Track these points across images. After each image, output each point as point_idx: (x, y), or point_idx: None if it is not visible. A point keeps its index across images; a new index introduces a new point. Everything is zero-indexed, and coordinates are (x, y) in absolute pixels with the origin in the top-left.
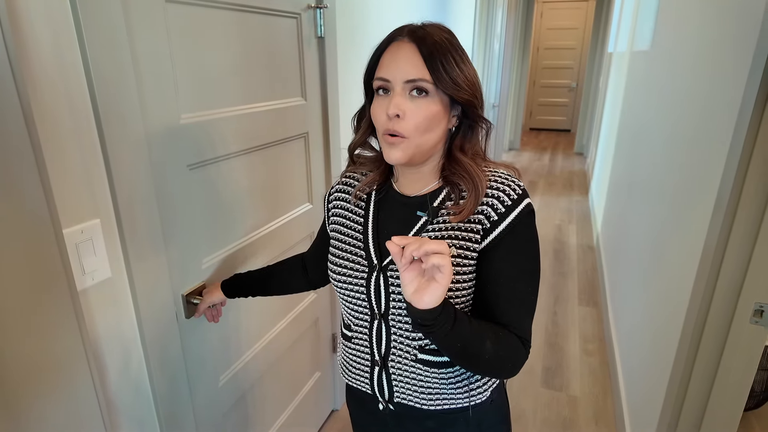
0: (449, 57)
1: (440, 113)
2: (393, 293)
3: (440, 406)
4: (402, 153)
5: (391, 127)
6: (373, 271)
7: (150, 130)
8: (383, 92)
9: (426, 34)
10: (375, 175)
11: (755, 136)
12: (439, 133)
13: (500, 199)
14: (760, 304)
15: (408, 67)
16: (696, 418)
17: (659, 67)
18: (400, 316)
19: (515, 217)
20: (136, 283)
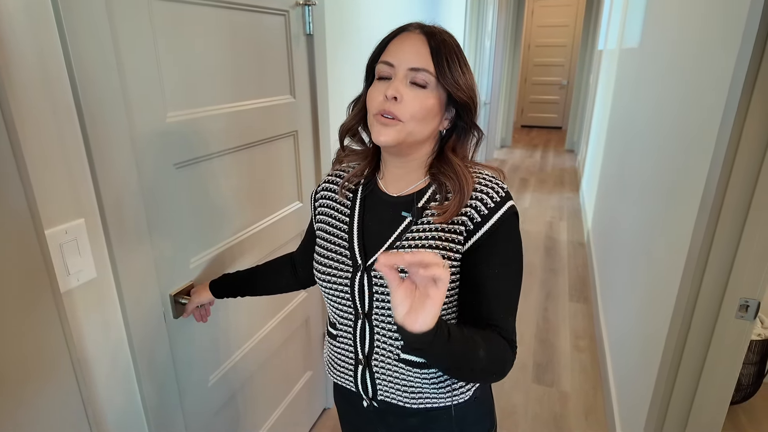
0: (454, 57)
1: (435, 108)
2: (376, 293)
3: (423, 405)
4: (394, 135)
5: (387, 108)
6: (357, 270)
7: (135, 128)
8: (383, 78)
9: (435, 31)
10: (362, 167)
11: (739, 135)
12: (430, 128)
13: (484, 201)
14: (745, 299)
15: (414, 56)
16: (683, 412)
17: (648, 65)
18: (383, 315)
19: (498, 219)
20: (122, 283)
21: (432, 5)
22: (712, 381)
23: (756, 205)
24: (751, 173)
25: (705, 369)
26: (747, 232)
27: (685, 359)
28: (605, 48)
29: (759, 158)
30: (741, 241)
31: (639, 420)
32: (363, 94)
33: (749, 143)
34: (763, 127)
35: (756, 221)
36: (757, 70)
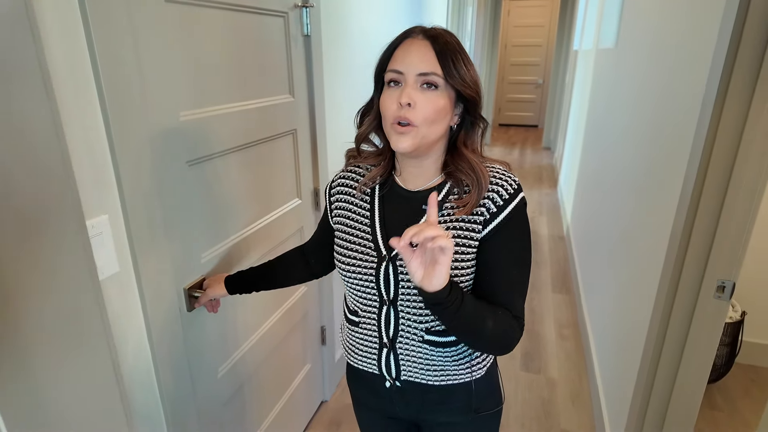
0: (458, 56)
1: (447, 107)
2: (402, 281)
3: (444, 381)
4: (411, 141)
5: (402, 115)
6: (383, 261)
7: (153, 127)
8: (394, 84)
9: (438, 34)
10: (379, 170)
11: (716, 128)
12: (443, 127)
13: (499, 192)
14: (722, 280)
15: (421, 61)
16: (666, 391)
17: (625, 65)
18: (408, 301)
19: (512, 209)
20: (142, 277)
21: (417, 8)
22: (693, 359)
23: (731, 194)
24: (726, 166)
25: (686, 347)
26: (723, 218)
27: (668, 340)
28: (581, 48)
29: (733, 151)
30: (718, 227)
31: (624, 401)
32: (374, 102)
33: (725, 136)
34: (738, 120)
35: (731, 209)
36: (732, 66)
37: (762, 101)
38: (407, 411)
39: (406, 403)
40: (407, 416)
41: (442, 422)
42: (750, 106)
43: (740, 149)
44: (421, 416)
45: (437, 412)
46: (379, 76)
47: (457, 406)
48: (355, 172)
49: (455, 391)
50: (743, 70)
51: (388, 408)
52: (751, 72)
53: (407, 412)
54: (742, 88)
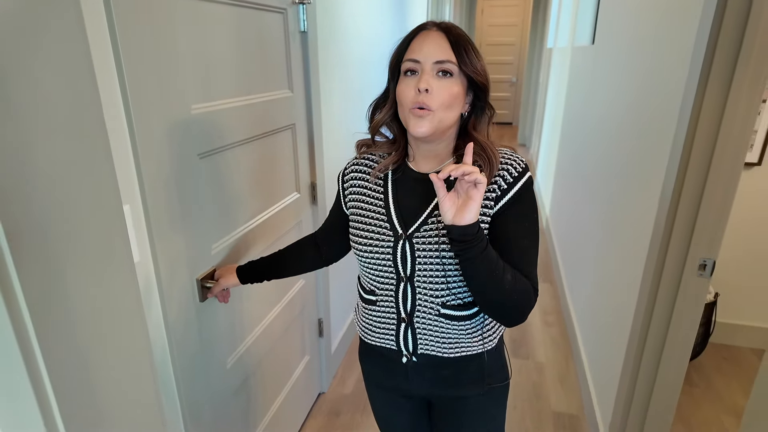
0: (470, 47)
1: (460, 94)
2: (419, 257)
3: (458, 353)
4: (428, 125)
5: (420, 100)
6: (399, 239)
7: (168, 120)
8: (411, 74)
9: (450, 26)
10: (393, 157)
11: (697, 117)
12: (456, 113)
13: (509, 171)
14: (704, 259)
15: (437, 50)
16: (653, 365)
17: (603, 60)
18: (425, 276)
19: (522, 186)
20: (160, 267)
21: (400, 7)
22: (678, 335)
23: (711, 178)
24: (706, 152)
25: (672, 323)
26: (704, 202)
27: (654, 316)
28: (555, 46)
29: (713, 139)
30: (700, 209)
31: (611, 378)
32: (390, 92)
33: (706, 125)
34: (717, 110)
35: (712, 193)
36: (712, 59)
37: (739, 90)
38: (421, 387)
39: (421, 379)
40: (421, 393)
41: (454, 397)
42: (728, 94)
43: (719, 137)
44: (435, 391)
45: (451, 387)
46: (395, 67)
47: (470, 380)
48: (369, 159)
49: (468, 364)
50: (722, 61)
51: (402, 385)
52: (729, 62)
53: (421, 388)
54: (721, 78)
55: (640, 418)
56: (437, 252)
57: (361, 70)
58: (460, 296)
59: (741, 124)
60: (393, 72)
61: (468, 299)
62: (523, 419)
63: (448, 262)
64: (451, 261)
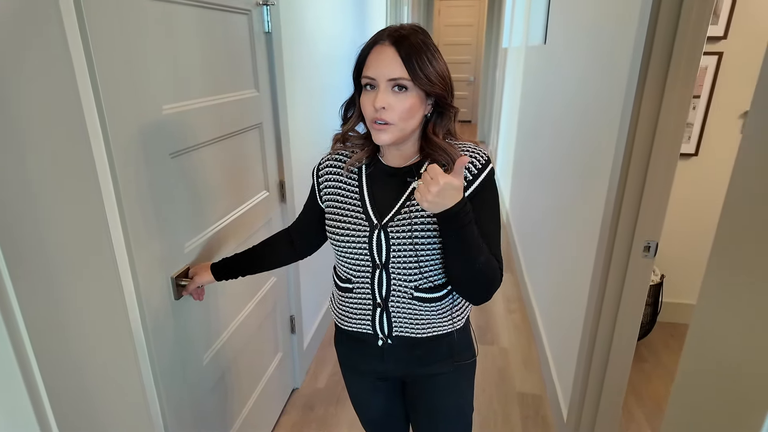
0: (423, 57)
1: (417, 104)
2: (393, 245)
3: (430, 333)
4: (389, 136)
5: (378, 116)
6: (375, 229)
7: (141, 120)
8: (370, 88)
9: (403, 37)
10: (365, 152)
11: (638, 114)
12: (417, 119)
13: (473, 164)
14: (648, 241)
15: (389, 68)
16: (606, 341)
17: (555, 60)
18: (399, 263)
19: (484, 178)
20: (136, 266)
21: (361, 8)
22: (627, 311)
23: (652, 168)
24: (646, 145)
25: (622, 301)
26: (646, 190)
27: (606, 296)
28: (510, 46)
29: (651, 133)
30: (643, 196)
31: (570, 357)
32: (356, 99)
33: (645, 121)
34: (654, 107)
35: (653, 180)
36: (648, 60)
37: (672, 89)
38: (397, 368)
39: (396, 360)
40: (396, 373)
41: (426, 374)
42: (663, 92)
43: (657, 131)
44: (409, 370)
45: (423, 365)
46: (357, 79)
47: (440, 358)
48: (342, 155)
49: (439, 343)
50: (657, 64)
51: (378, 368)
52: (662, 65)
53: (396, 369)
54: (657, 78)
55: (596, 393)
56: (411, 240)
57: (325, 69)
58: (431, 279)
59: (675, 119)
60: (356, 82)
61: (438, 282)
62: (491, 401)
63: (421, 249)
64: (423, 248)
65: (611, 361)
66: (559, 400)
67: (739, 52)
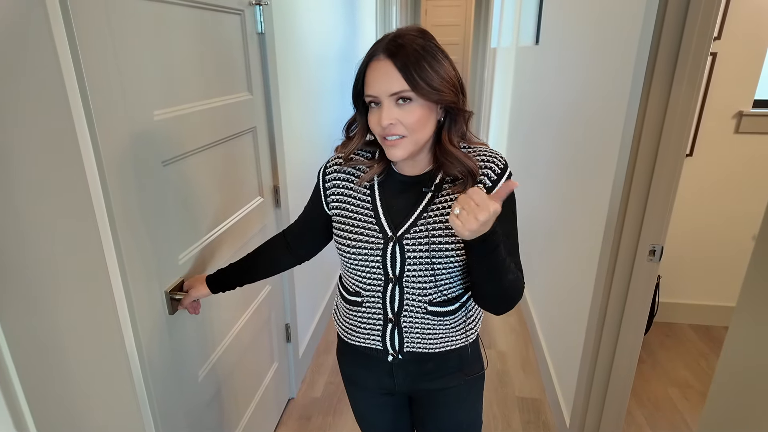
0: (422, 64)
1: (426, 113)
2: (409, 258)
3: (443, 348)
4: (403, 150)
5: (388, 133)
6: (389, 241)
7: (131, 127)
8: (375, 105)
9: (399, 47)
10: (377, 168)
11: (644, 115)
12: (430, 129)
13: (492, 170)
14: (653, 245)
15: (388, 83)
16: (611, 345)
17: (548, 60)
18: (413, 278)
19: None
20: (129, 281)
21: (352, 8)
22: (632, 316)
23: (657, 173)
24: (652, 147)
25: (626, 306)
26: (652, 194)
27: (611, 300)
28: (499, 46)
29: (657, 134)
30: (648, 200)
31: (572, 360)
32: (359, 123)
33: (653, 116)
34: (660, 109)
35: (657, 185)
36: (655, 60)
37: (678, 90)
38: (405, 383)
39: (405, 375)
40: (404, 389)
41: (435, 389)
42: (669, 93)
43: (663, 132)
44: (417, 386)
45: (433, 380)
46: (358, 99)
47: (450, 372)
48: (351, 159)
49: (450, 357)
50: (663, 65)
51: (385, 384)
52: (669, 66)
53: (405, 384)
54: (663, 79)
55: (600, 397)
56: (428, 252)
57: (319, 70)
58: (446, 293)
59: (681, 119)
60: (356, 103)
61: (452, 294)
62: (491, 406)
63: (438, 262)
64: (440, 260)
65: (615, 365)
66: (561, 405)
67: (733, 53)
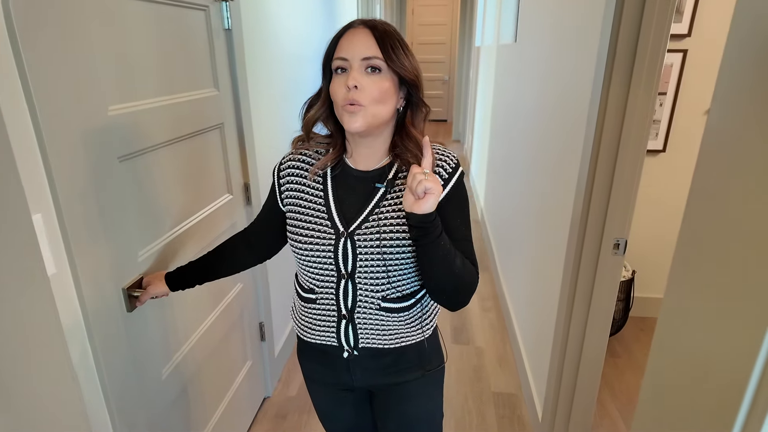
0: (397, 43)
1: (391, 89)
2: (360, 254)
3: (399, 344)
4: (362, 120)
5: (351, 97)
6: (341, 237)
7: (82, 123)
8: (341, 71)
9: (377, 23)
10: (331, 155)
11: (604, 111)
12: (390, 108)
13: (444, 167)
14: (617, 239)
15: (363, 47)
16: (579, 338)
17: (525, 58)
18: (366, 273)
19: (456, 181)
20: (81, 278)
21: (330, 7)
22: (598, 309)
23: (619, 168)
24: (613, 144)
25: (593, 299)
26: (614, 189)
27: (578, 293)
28: (482, 44)
29: (618, 131)
30: (611, 194)
31: (544, 355)
32: (323, 90)
33: (611, 118)
34: (620, 105)
35: (620, 180)
36: (615, 53)
37: (637, 87)
38: (363, 379)
39: (362, 371)
40: (362, 384)
41: (394, 383)
42: (629, 90)
43: (624, 127)
44: (375, 381)
45: (390, 375)
46: (327, 65)
47: (408, 367)
48: (305, 155)
49: (407, 352)
50: (622, 62)
51: (343, 379)
52: (627, 61)
53: (362, 380)
54: (622, 75)
55: (570, 390)
56: (379, 248)
57: (293, 68)
58: (399, 289)
59: (641, 115)
60: (325, 71)
61: (407, 291)
62: (466, 401)
63: (389, 258)
64: (392, 256)
65: (584, 359)
66: (534, 399)
67: (703, 50)
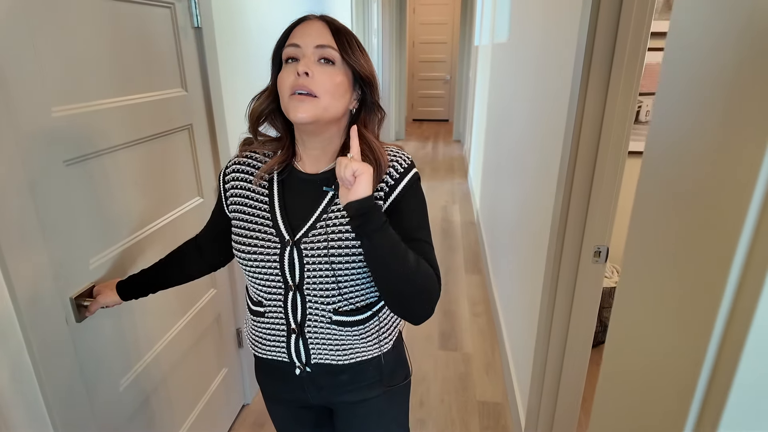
0: (352, 39)
1: (345, 84)
2: (307, 264)
3: (354, 359)
4: (311, 110)
5: (300, 83)
6: (286, 246)
7: (19, 125)
8: (292, 61)
9: (334, 19)
10: (279, 157)
11: (582, 113)
12: (343, 105)
13: (395, 167)
14: (597, 246)
15: (318, 35)
16: (560, 347)
17: (514, 57)
18: (315, 284)
19: (408, 182)
20: (15, 287)
21: (318, 7)
22: (580, 318)
23: (598, 174)
24: (591, 150)
25: (573, 309)
26: (593, 196)
27: (558, 303)
28: (480, 43)
29: (596, 136)
30: (590, 202)
31: (528, 364)
32: (271, 84)
33: (589, 121)
34: (599, 106)
35: (599, 186)
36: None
37: (617, 85)
38: (319, 396)
39: (318, 388)
40: (319, 402)
41: (354, 401)
42: (607, 89)
43: (603, 130)
44: (334, 399)
45: (349, 392)
46: (277, 55)
47: (368, 383)
48: (252, 158)
49: (365, 369)
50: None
51: (300, 397)
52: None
53: (319, 398)
54: (600, 75)
55: (552, 400)
56: (327, 257)
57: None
58: (352, 301)
59: (621, 115)
60: (274, 62)
61: (361, 303)
62: (450, 411)
63: (339, 268)
64: (341, 266)
65: (566, 368)
66: (519, 408)
67: None
